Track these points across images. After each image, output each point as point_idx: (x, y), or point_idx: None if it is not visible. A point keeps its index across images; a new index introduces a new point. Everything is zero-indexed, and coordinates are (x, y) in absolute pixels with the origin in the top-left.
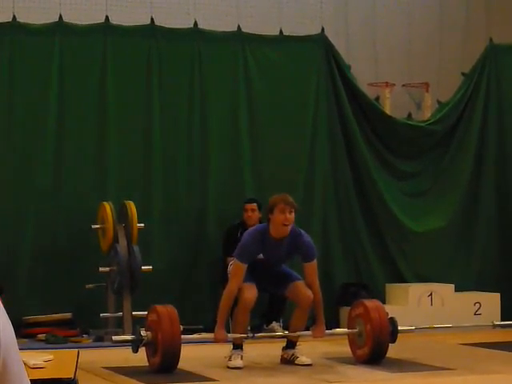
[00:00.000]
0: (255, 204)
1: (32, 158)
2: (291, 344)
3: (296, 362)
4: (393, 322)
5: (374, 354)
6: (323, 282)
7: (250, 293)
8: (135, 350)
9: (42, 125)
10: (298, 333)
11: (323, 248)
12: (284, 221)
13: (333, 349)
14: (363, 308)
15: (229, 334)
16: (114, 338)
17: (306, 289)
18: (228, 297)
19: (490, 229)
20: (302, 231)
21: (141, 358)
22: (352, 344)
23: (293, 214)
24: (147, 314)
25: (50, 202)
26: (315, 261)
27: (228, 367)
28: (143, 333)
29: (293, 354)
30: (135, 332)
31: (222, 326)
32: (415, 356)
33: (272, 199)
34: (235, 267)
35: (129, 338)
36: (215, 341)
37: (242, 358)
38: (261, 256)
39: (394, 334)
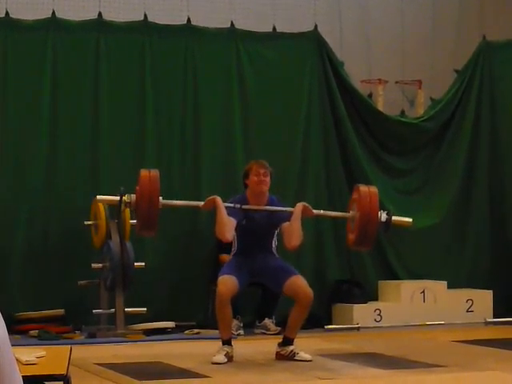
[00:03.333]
0: None
1: (25, 155)
2: (289, 341)
3: (296, 357)
4: (387, 212)
5: (361, 239)
6: (316, 279)
7: (225, 286)
8: (118, 210)
9: (35, 122)
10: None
11: (316, 245)
12: (259, 181)
13: (326, 345)
14: (357, 193)
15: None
16: (99, 197)
17: (305, 285)
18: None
19: (482, 226)
20: (278, 199)
21: (134, 354)
22: (348, 229)
23: (268, 177)
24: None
25: (42, 197)
26: None
27: (211, 362)
28: (127, 196)
29: (292, 351)
30: (120, 193)
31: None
32: (407, 353)
33: (246, 166)
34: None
35: (114, 199)
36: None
37: (227, 355)
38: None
39: (386, 223)
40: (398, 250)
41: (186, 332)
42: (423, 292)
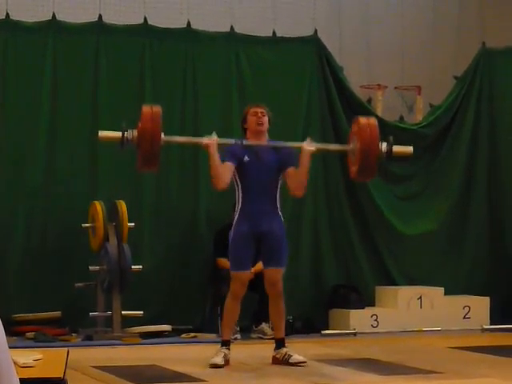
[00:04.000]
0: None
1: (24, 156)
2: (280, 343)
3: (290, 360)
4: (388, 140)
5: (363, 169)
6: (313, 284)
7: (241, 285)
8: (121, 146)
9: (34, 124)
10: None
11: (314, 250)
12: (257, 120)
13: (322, 351)
14: (357, 125)
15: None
16: (101, 133)
17: (275, 279)
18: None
19: (480, 233)
20: None
21: (130, 357)
22: (350, 162)
23: (266, 117)
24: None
25: (40, 199)
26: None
27: (209, 363)
28: (130, 132)
29: (286, 353)
30: (122, 129)
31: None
32: (404, 359)
33: (243, 111)
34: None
35: (116, 134)
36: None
37: (224, 357)
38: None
39: (388, 153)
40: (395, 255)
41: (183, 336)
42: (420, 298)
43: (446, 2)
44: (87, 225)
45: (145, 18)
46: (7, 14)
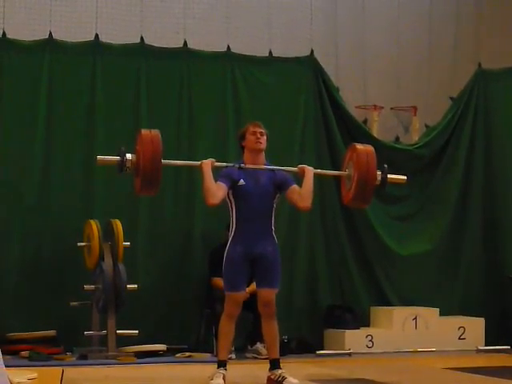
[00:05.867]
0: None
1: (19, 174)
2: (275, 363)
3: (284, 382)
4: (383, 169)
5: (359, 196)
6: (308, 304)
7: (235, 305)
8: (119, 171)
9: (30, 142)
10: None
11: (309, 270)
12: (256, 140)
13: (317, 371)
14: (354, 151)
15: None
16: (99, 157)
17: (268, 299)
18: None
19: (475, 253)
20: None
21: (125, 376)
22: (343, 187)
23: (264, 136)
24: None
25: (36, 218)
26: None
27: None
28: (128, 155)
29: (280, 375)
30: (120, 153)
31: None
32: (399, 379)
33: (241, 129)
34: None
35: (114, 158)
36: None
37: (224, 378)
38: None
39: (383, 180)
40: (390, 275)
41: (178, 355)
42: (415, 319)
43: (442, 23)
44: (82, 244)
45: (141, 38)
46: (3, 32)
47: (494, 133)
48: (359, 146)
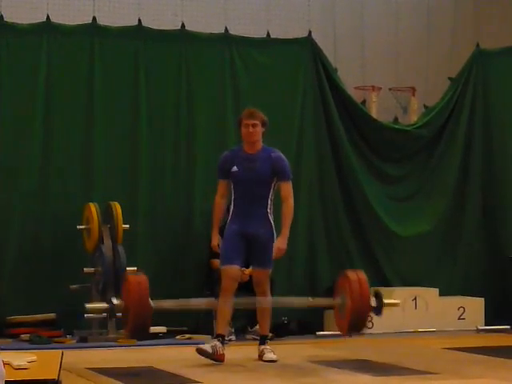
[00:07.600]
0: None
1: (18, 158)
2: (262, 340)
3: (263, 358)
4: (378, 295)
5: (353, 325)
6: (308, 285)
7: (230, 280)
8: (109, 318)
9: (29, 125)
10: None
11: (308, 252)
12: (247, 133)
13: (317, 352)
14: (346, 280)
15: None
16: (88, 305)
17: (260, 279)
18: (214, 209)
19: (475, 234)
20: (278, 151)
21: (125, 358)
22: (336, 314)
23: (257, 127)
24: (123, 284)
25: (35, 202)
26: (290, 182)
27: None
28: (115, 301)
29: (262, 350)
30: (108, 300)
31: (215, 233)
32: (399, 360)
33: (239, 116)
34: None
35: (103, 306)
36: (213, 249)
37: (214, 347)
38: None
39: (378, 307)
40: (390, 256)
41: (178, 337)
42: (415, 299)
43: (440, 3)
44: (82, 227)
45: (139, 20)
46: (1, 15)
47: (492, 112)
48: (351, 275)
